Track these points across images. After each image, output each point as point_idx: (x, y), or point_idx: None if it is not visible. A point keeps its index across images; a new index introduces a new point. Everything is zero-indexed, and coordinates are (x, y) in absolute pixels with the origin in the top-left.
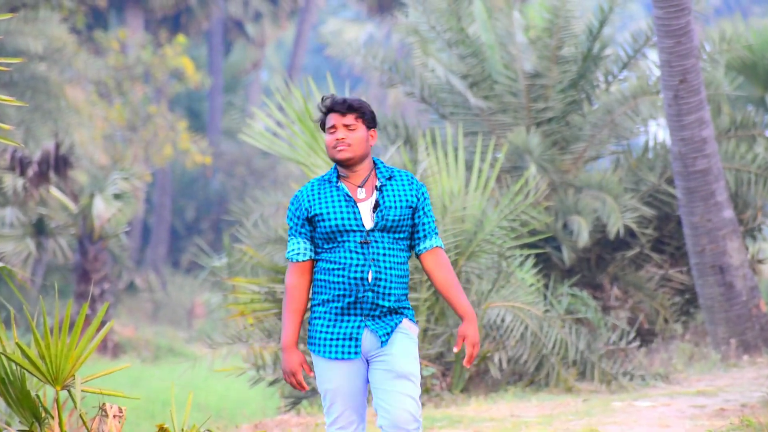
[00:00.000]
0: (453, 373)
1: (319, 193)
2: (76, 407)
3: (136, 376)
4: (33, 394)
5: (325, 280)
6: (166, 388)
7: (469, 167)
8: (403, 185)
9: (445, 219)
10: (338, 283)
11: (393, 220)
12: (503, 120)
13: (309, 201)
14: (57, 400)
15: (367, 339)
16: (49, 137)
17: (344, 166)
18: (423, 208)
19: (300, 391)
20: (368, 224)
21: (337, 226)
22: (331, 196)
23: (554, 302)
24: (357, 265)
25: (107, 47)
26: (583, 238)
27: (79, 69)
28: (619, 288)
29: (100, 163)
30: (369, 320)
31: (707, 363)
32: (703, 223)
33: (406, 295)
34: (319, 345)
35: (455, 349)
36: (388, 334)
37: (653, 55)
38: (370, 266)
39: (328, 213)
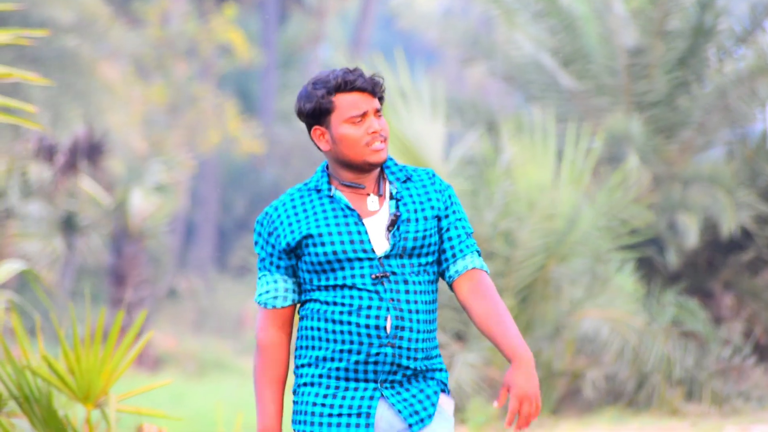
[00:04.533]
0: (541, 392)
1: (305, 209)
2: (109, 429)
3: (178, 393)
4: (61, 413)
5: (320, 329)
6: (213, 408)
7: (560, 157)
8: (424, 187)
9: (532, 217)
10: (341, 332)
11: (415, 239)
12: (600, 103)
13: (291, 223)
14: (88, 421)
15: (384, 416)
16: (79, 121)
17: (367, 171)
18: (449, 215)
19: None
20: (380, 249)
21: (335, 253)
22: (323, 211)
23: (657, 312)
24: (370, 308)
25: (146, 19)
26: (692, 239)
27: (114, 43)
28: (732, 296)
29: (138, 151)
30: (387, 388)
31: None
32: None
33: (436, 347)
34: (313, 424)
35: (495, 404)
36: (417, 414)
37: None
38: (388, 309)
39: (321, 235)
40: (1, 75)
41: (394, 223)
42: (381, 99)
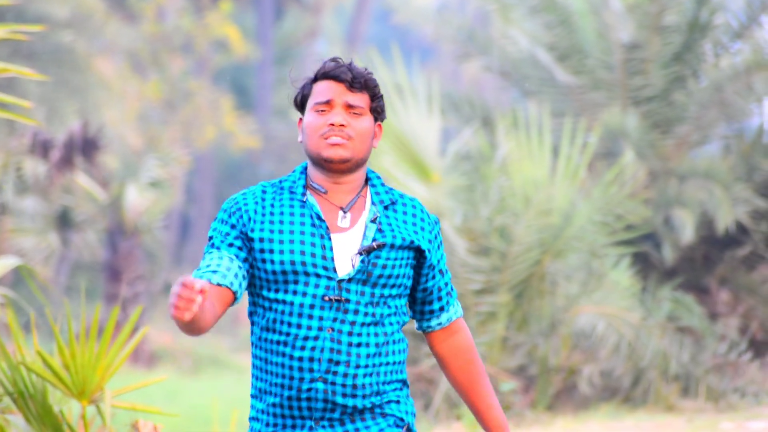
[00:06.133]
0: (536, 388)
1: (272, 206)
2: (105, 424)
3: (173, 389)
4: (56, 409)
5: (260, 358)
6: (208, 404)
7: (556, 153)
8: (405, 218)
9: (528, 212)
10: (276, 364)
11: (384, 266)
12: (596, 98)
13: (255, 212)
14: (83, 417)
15: None
16: (75, 116)
17: (330, 171)
18: (437, 260)
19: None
20: (342, 270)
21: (293, 263)
22: (291, 215)
23: (653, 308)
24: (306, 338)
25: (141, 14)
26: (688, 234)
27: (109, 39)
28: (728, 292)
29: (133, 147)
30: (323, 428)
31: None
32: None
33: (398, 380)
34: None
35: None
36: None
37: None
38: (324, 340)
39: (281, 242)
40: None
41: (371, 251)
42: (374, 98)
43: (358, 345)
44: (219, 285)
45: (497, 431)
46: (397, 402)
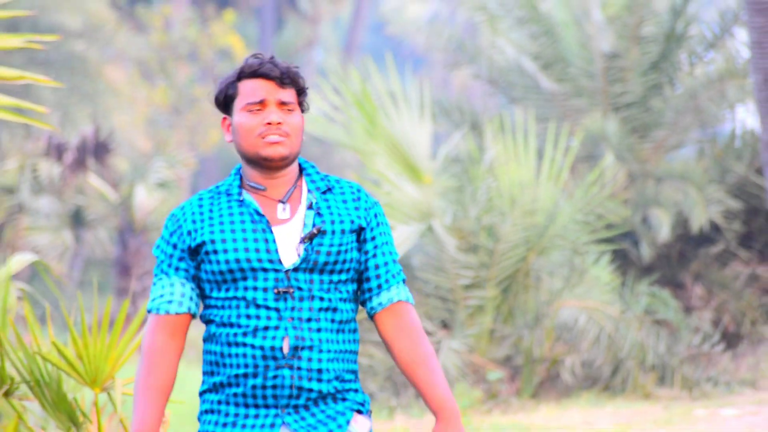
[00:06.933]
0: (522, 377)
1: (210, 211)
2: (116, 411)
3: (180, 378)
4: (70, 396)
5: (216, 353)
6: None
7: (540, 156)
8: (344, 201)
9: (514, 212)
10: (237, 356)
11: (328, 253)
12: (578, 105)
13: (194, 221)
14: (96, 404)
15: None
16: (87, 121)
17: (268, 168)
18: (375, 237)
19: None
20: (288, 260)
21: (238, 261)
22: (230, 215)
23: (632, 302)
24: (267, 328)
25: (150, 24)
26: (664, 232)
27: (119, 48)
28: (702, 287)
29: (142, 150)
30: (289, 414)
31: None
32: None
33: (353, 371)
34: None
35: None
36: None
37: (742, 35)
38: (286, 329)
39: (224, 240)
40: (13, 77)
41: (313, 237)
42: (300, 93)
43: (318, 330)
44: (177, 314)
45: (439, 412)
46: (356, 391)
